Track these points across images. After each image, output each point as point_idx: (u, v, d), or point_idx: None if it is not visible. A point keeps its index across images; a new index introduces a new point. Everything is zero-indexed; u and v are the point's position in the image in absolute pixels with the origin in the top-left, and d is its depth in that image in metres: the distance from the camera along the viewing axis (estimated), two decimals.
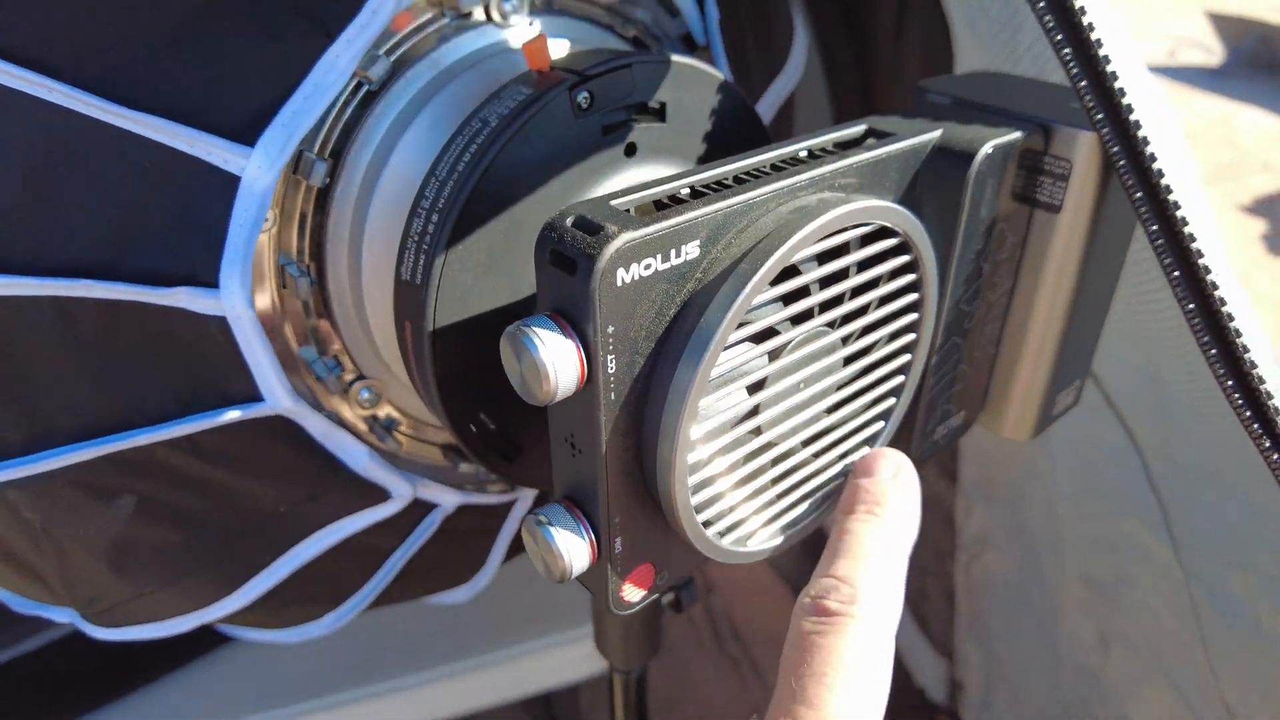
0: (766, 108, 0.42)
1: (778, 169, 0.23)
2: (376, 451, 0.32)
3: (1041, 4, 0.25)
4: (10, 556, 0.35)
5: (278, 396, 0.29)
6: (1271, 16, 4.36)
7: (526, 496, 0.42)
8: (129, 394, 0.29)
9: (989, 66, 0.51)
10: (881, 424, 0.28)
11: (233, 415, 0.29)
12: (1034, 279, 0.30)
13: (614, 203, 0.21)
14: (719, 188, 0.22)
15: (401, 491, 0.33)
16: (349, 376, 0.31)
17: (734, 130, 0.30)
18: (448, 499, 0.35)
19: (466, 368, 0.27)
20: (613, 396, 0.21)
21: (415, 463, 0.35)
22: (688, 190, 0.22)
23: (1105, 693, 0.82)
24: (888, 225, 0.23)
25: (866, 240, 0.24)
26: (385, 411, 0.33)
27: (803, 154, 0.25)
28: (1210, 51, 4.67)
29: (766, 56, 0.42)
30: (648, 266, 0.20)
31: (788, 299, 0.22)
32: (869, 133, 0.26)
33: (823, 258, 0.23)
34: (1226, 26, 4.45)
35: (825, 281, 0.23)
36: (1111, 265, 0.31)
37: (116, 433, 0.30)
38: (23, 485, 0.30)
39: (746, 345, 0.22)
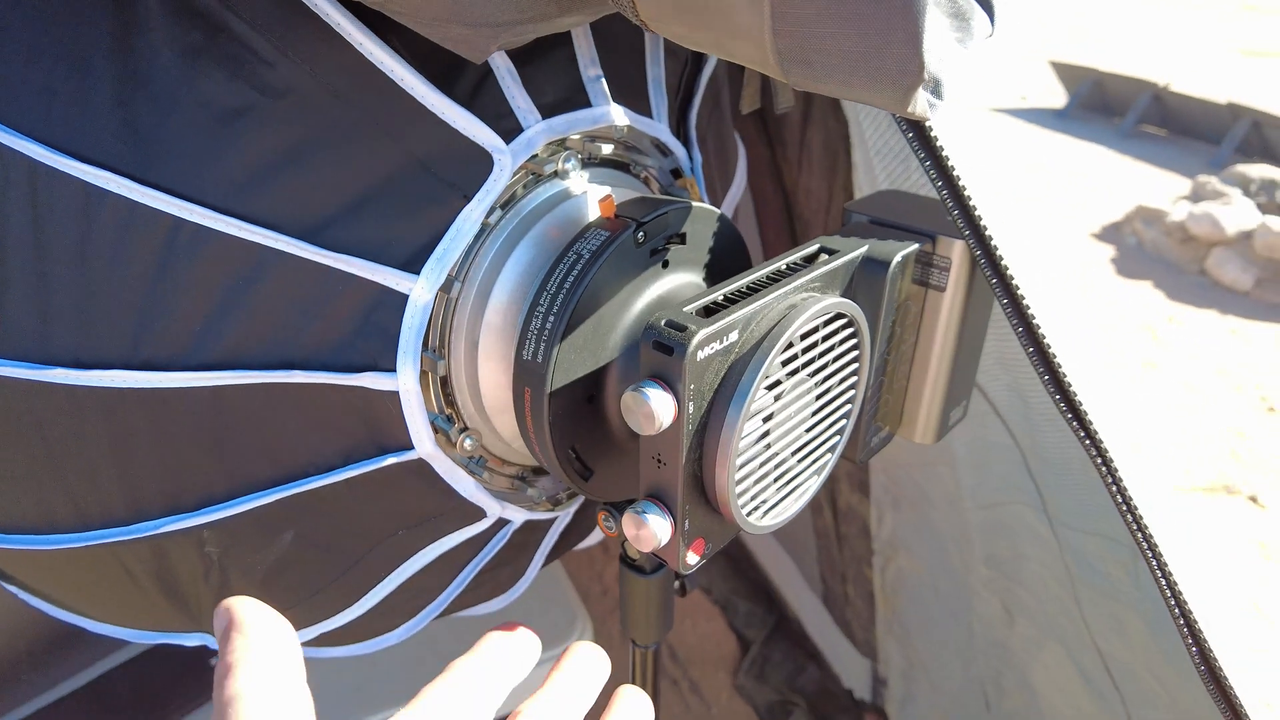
0: (728, 208, 0.57)
1: (773, 279, 0.38)
2: (476, 481, 0.44)
3: (921, 154, 0.40)
4: (173, 590, 0.44)
5: (425, 445, 0.40)
6: (1102, 64, 4.96)
7: (564, 516, 0.53)
8: (307, 450, 0.40)
9: (875, 159, 0.68)
10: (839, 437, 0.42)
11: (390, 461, 0.40)
12: (930, 334, 0.45)
13: (685, 309, 0.34)
14: (742, 295, 0.36)
15: (493, 510, 0.45)
16: (459, 427, 0.43)
17: (726, 246, 0.44)
18: (518, 516, 0.47)
19: (566, 416, 0.39)
20: (689, 428, 0.34)
21: (493, 490, 0.47)
22: (723, 297, 0.36)
23: (1012, 661, 0.98)
24: (842, 312, 0.38)
25: (829, 322, 0.38)
26: (479, 452, 0.45)
27: (784, 267, 0.39)
28: (1055, 95, 5.26)
29: (723, 172, 0.57)
30: (710, 348, 0.33)
31: (785, 362, 0.36)
32: (822, 249, 0.41)
33: (804, 334, 0.37)
34: (1066, 73, 5.05)
35: (806, 349, 0.37)
36: (981, 322, 0.47)
37: (295, 480, 0.40)
38: (217, 525, 0.41)
39: (764, 391, 0.36)
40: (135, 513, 0.39)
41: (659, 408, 0.32)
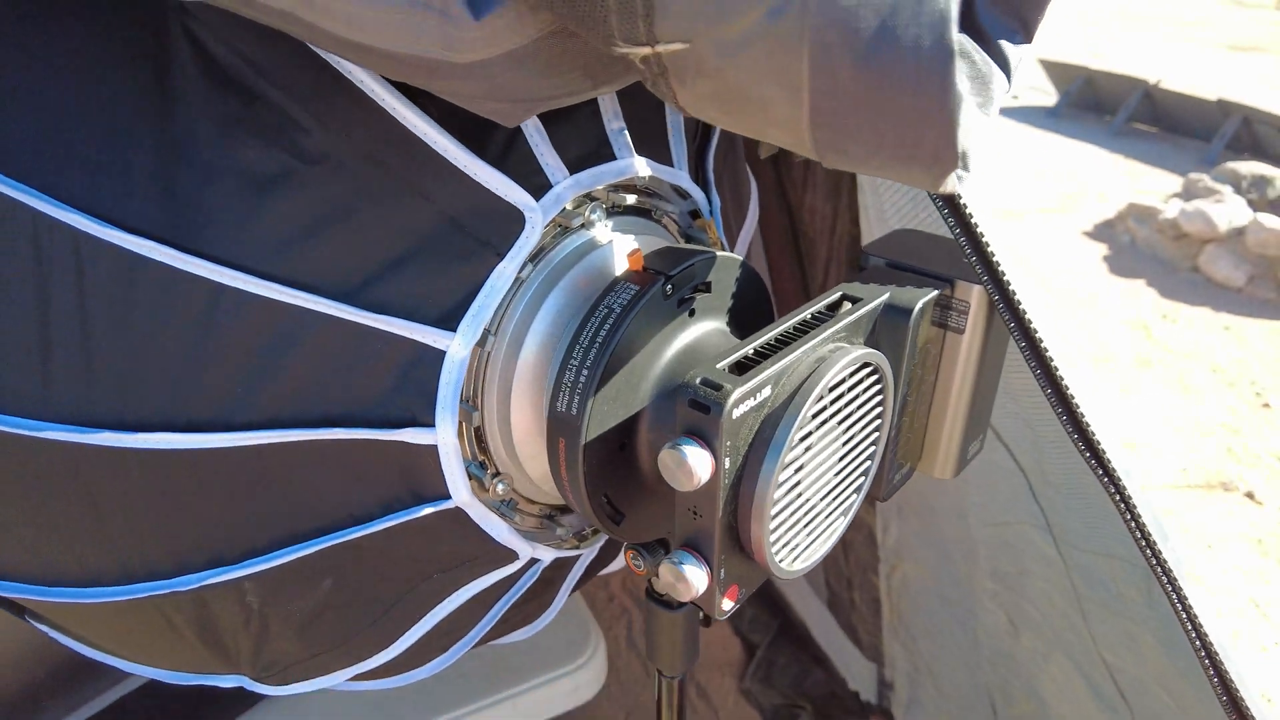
0: (742, 246, 0.58)
1: (800, 331, 0.38)
2: (509, 525, 0.45)
3: (943, 208, 0.41)
4: (213, 636, 0.45)
5: (461, 494, 0.41)
6: (1093, 62, 4.96)
7: (588, 553, 0.54)
8: (346, 502, 0.41)
9: (884, 189, 0.69)
10: (864, 478, 0.43)
11: (427, 511, 0.41)
12: (949, 374, 0.46)
13: (718, 365, 0.35)
14: (772, 348, 0.37)
15: (525, 552, 0.46)
16: (491, 472, 0.44)
17: (749, 291, 0.45)
18: (547, 554, 0.48)
19: (599, 464, 0.40)
20: (725, 482, 0.35)
21: (523, 530, 0.47)
22: (753, 351, 0.37)
23: (1019, 670, 1.00)
24: (868, 362, 0.39)
25: (855, 372, 0.39)
26: (510, 495, 0.45)
27: (809, 318, 0.40)
28: (1046, 94, 5.28)
29: (738, 209, 0.57)
30: (745, 405, 0.34)
31: (816, 414, 0.37)
32: (844, 297, 0.42)
33: (833, 386, 0.38)
34: (1056, 71, 5.06)
35: (835, 399, 0.38)
36: (997, 360, 0.48)
37: (335, 531, 0.41)
38: (258, 576, 0.41)
39: (797, 443, 0.37)
40: (178, 566, 0.40)
41: (697, 465, 0.33)
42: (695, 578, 0.36)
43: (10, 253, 0.35)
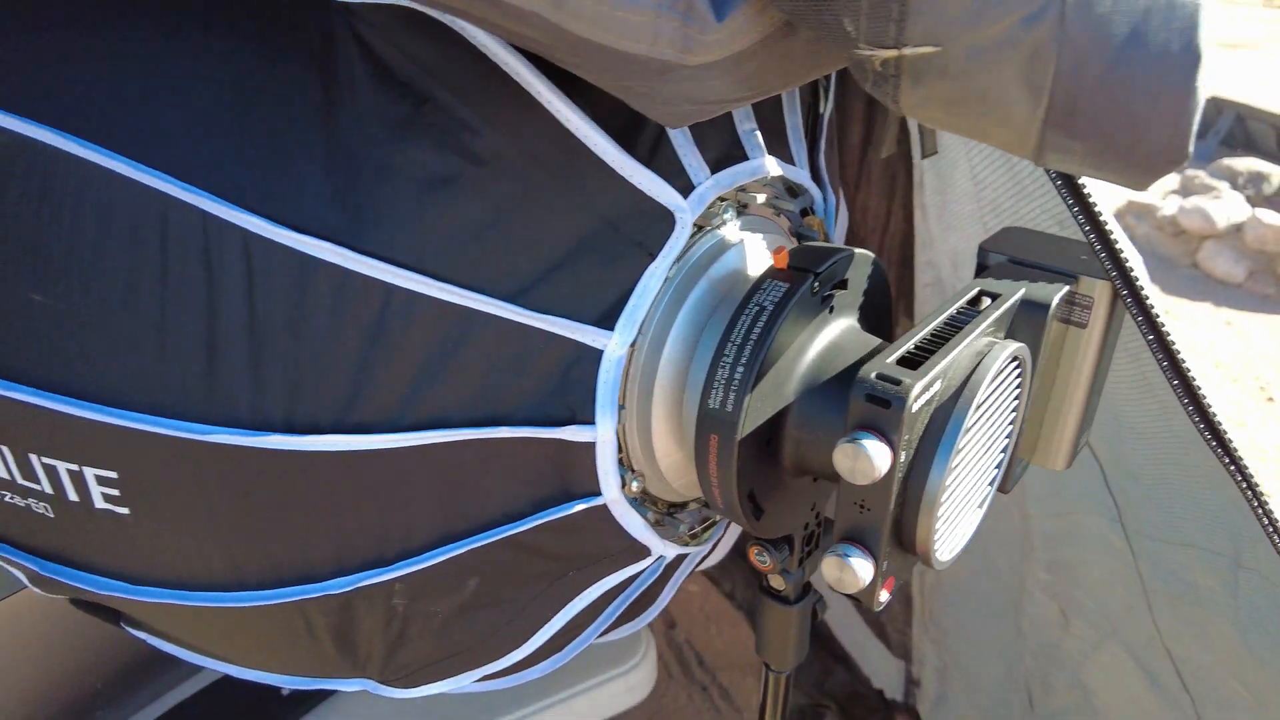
0: (839, 235, 0.59)
1: (952, 327, 0.39)
2: (644, 521, 0.45)
3: (1070, 201, 0.43)
4: (349, 640, 0.45)
5: (611, 491, 0.42)
6: (1243, 98, 4.63)
7: (699, 550, 0.55)
8: (501, 500, 0.41)
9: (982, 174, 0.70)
10: (998, 471, 0.44)
11: (579, 508, 0.42)
12: (1070, 369, 0.47)
13: (888, 361, 0.36)
14: (931, 344, 0.38)
15: (658, 549, 0.47)
16: (629, 470, 0.44)
17: (877, 287, 0.46)
18: (671, 551, 0.49)
19: (747, 460, 0.41)
20: (899, 476, 0.36)
21: (651, 527, 0.48)
22: (914, 347, 0.38)
23: (1063, 662, 1.01)
24: (1018, 355, 0.40)
25: (1011, 363, 0.40)
26: (642, 493, 0.46)
27: (955, 313, 0.41)
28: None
29: (837, 206, 0.59)
30: (922, 398, 0.35)
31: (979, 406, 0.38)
32: (982, 293, 0.43)
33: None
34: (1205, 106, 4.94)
35: (991, 393, 0.39)
36: (1110, 354, 0.49)
37: (490, 530, 0.42)
38: (411, 578, 0.42)
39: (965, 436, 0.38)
40: (335, 569, 0.41)
41: (876, 458, 0.34)
42: (862, 570, 0.37)
43: (179, 255, 0.35)
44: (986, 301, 0.42)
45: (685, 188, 0.41)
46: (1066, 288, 0.44)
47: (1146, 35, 0.23)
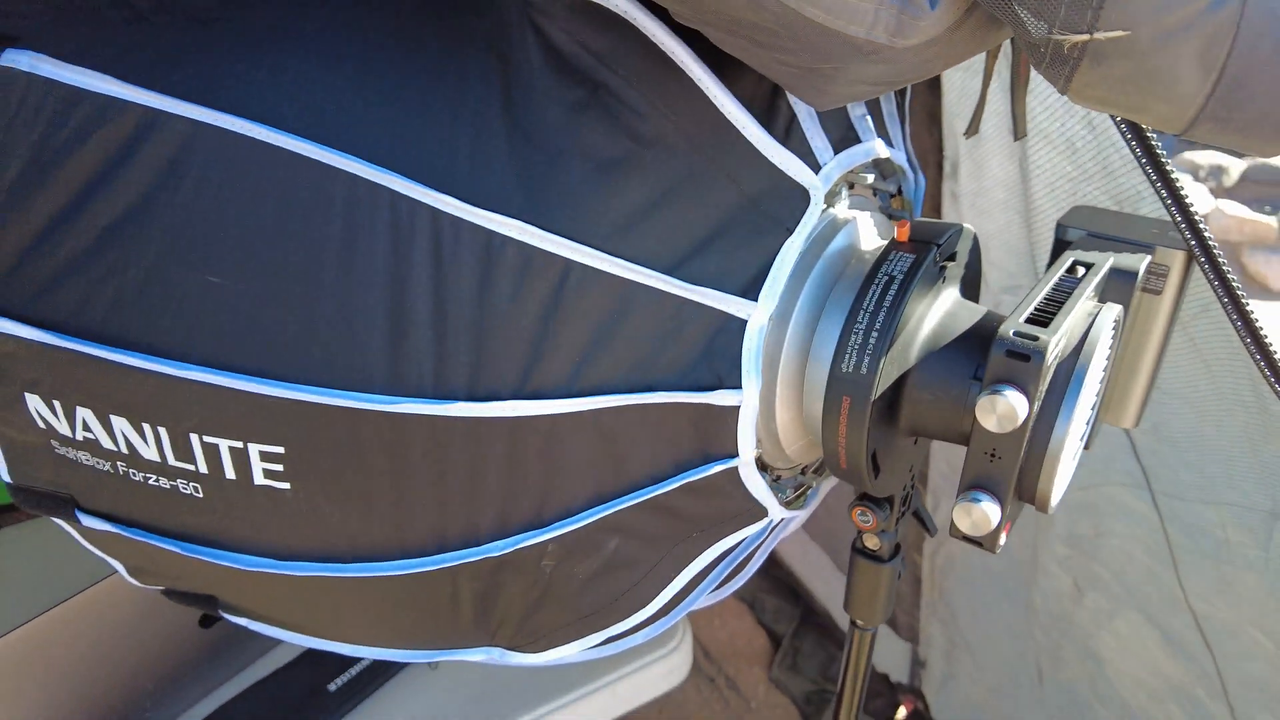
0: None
1: (1061, 291, 0.44)
2: (766, 483, 0.49)
3: (1157, 181, 0.47)
4: (489, 605, 0.47)
5: (747, 453, 0.45)
6: None
7: (800, 514, 0.58)
8: (649, 462, 0.44)
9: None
10: (1088, 427, 0.48)
11: (717, 469, 0.45)
12: (1144, 333, 0.52)
13: (1020, 320, 0.40)
14: (1050, 308, 0.42)
15: (773, 510, 0.50)
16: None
17: (975, 260, 0.50)
18: (778, 513, 0.52)
19: (875, 421, 0.44)
20: (1031, 425, 0.40)
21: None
22: (1034, 310, 0.42)
23: (1075, 634, 1.07)
24: (1118, 317, 0.44)
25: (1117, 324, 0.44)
26: (758, 459, 0.49)
27: (1059, 281, 0.45)
28: None
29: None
30: (1054, 353, 0.39)
31: None
32: (1076, 263, 0.47)
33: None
34: None
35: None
36: (1176, 320, 0.54)
37: (638, 490, 0.44)
38: (564, 538, 0.44)
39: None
40: (496, 531, 0.43)
41: (1018, 407, 0.38)
42: (991, 513, 0.41)
43: (367, 232, 0.37)
44: (1081, 271, 0.46)
45: (814, 167, 0.45)
46: (1149, 258, 0.49)
47: None
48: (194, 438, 0.43)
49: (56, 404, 0.46)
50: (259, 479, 0.43)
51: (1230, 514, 0.69)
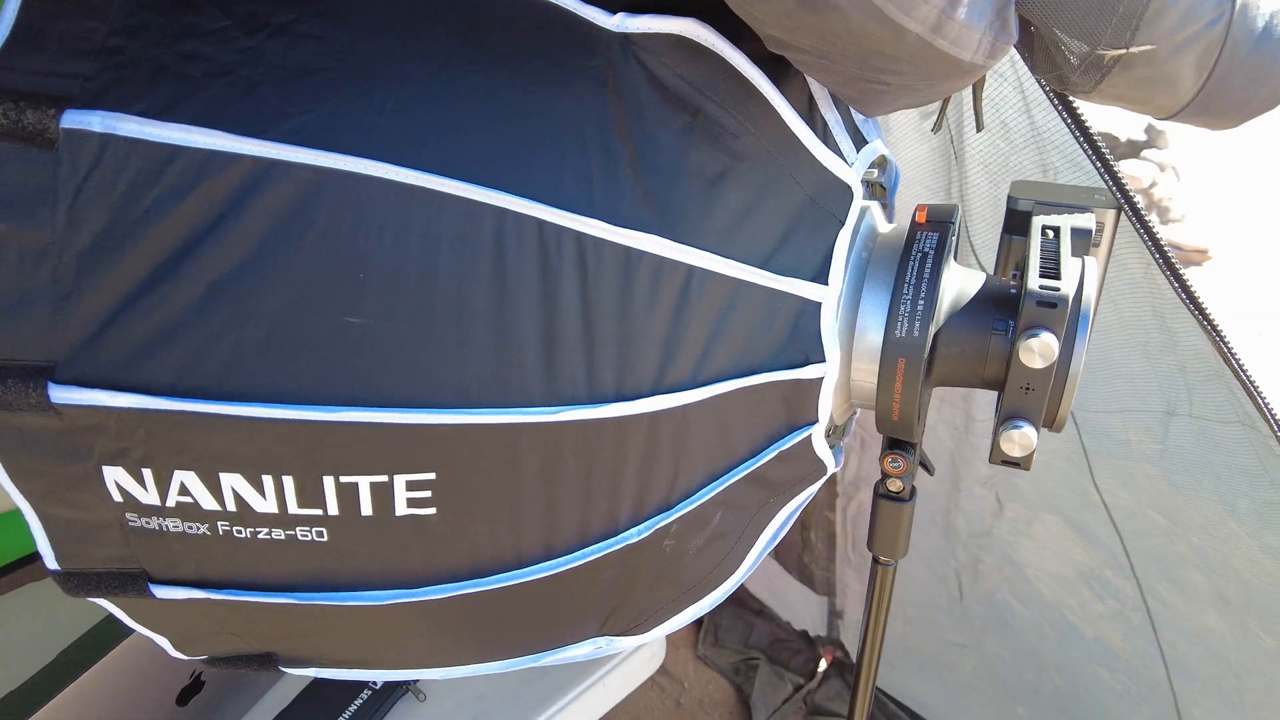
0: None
1: (1048, 251, 0.55)
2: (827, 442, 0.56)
3: (1091, 153, 0.60)
4: (616, 594, 0.52)
5: (825, 418, 0.52)
6: None
7: (835, 469, 0.66)
8: (749, 437, 0.50)
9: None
10: None
11: (801, 436, 0.52)
12: None
13: (1038, 276, 0.50)
14: (1050, 265, 0.53)
15: (831, 467, 0.58)
16: None
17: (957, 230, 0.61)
18: (833, 468, 0.60)
19: (925, 379, 0.53)
20: (1057, 360, 0.50)
21: None
22: (1042, 267, 0.52)
23: (993, 545, 1.24)
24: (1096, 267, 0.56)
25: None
26: None
27: (1045, 243, 0.56)
28: None
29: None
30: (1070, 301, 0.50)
31: None
32: (1045, 227, 0.59)
33: None
34: None
35: None
36: (1107, 270, 0.68)
37: (741, 464, 0.50)
38: (685, 517, 0.50)
39: None
40: (634, 517, 0.48)
41: (1053, 345, 0.48)
42: (1032, 436, 0.51)
43: (516, 260, 0.42)
44: (1050, 234, 0.58)
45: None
46: (1093, 217, 0.61)
47: (1274, 28, 0.39)
48: (327, 480, 0.44)
49: (146, 472, 0.46)
50: (401, 510, 0.45)
51: (1131, 419, 0.85)
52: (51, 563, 0.52)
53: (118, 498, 0.47)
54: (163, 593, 0.51)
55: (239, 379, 0.43)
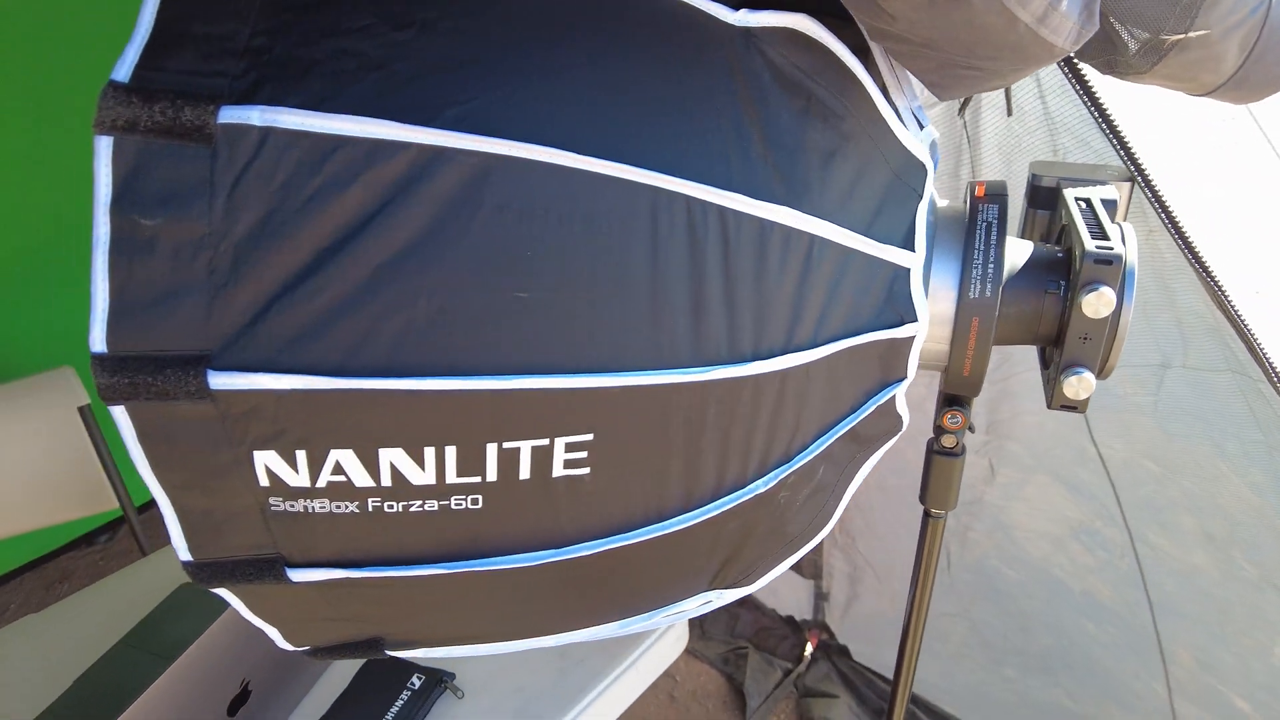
0: None
1: (1090, 217, 0.63)
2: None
3: (1109, 133, 0.68)
4: (736, 544, 0.57)
5: (911, 373, 0.59)
6: None
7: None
8: (851, 394, 0.56)
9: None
10: None
11: (893, 391, 0.58)
12: None
13: (1090, 238, 0.58)
14: (1095, 228, 0.60)
15: (906, 421, 0.64)
16: None
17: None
18: (906, 423, 0.66)
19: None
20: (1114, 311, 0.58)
21: None
22: (1090, 231, 0.60)
23: (985, 510, 1.34)
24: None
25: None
26: None
27: (1084, 209, 0.64)
28: None
29: None
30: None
31: None
32: (1077, 199, 0.67)
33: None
34: None
35: None
36: None
37: (847, 417, 0.56)
38: (801, 469, 0.55)
39: None
40: (760, 469, 0.54)
41: (1111, 297, 0.56)
42: (1091, 380, 0.59)
43: (668, 235, 0.47)
44: (1083, 205, 0.66)
45: None
46: (1115, 188, 0.70)
47: None
48: (490, 448, 0.49)
49: (300, 454, 0.49)
50: (558, 471, 0.50)
51: (1128, 373, 0.95)
52: (184, 554, 0.54)
53: (264, 482, 0.50)
54: (299, 575, 0.54)
55: (409, 355, 0.46)
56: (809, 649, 2.03)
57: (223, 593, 0.57)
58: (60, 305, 2.14)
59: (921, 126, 0.63)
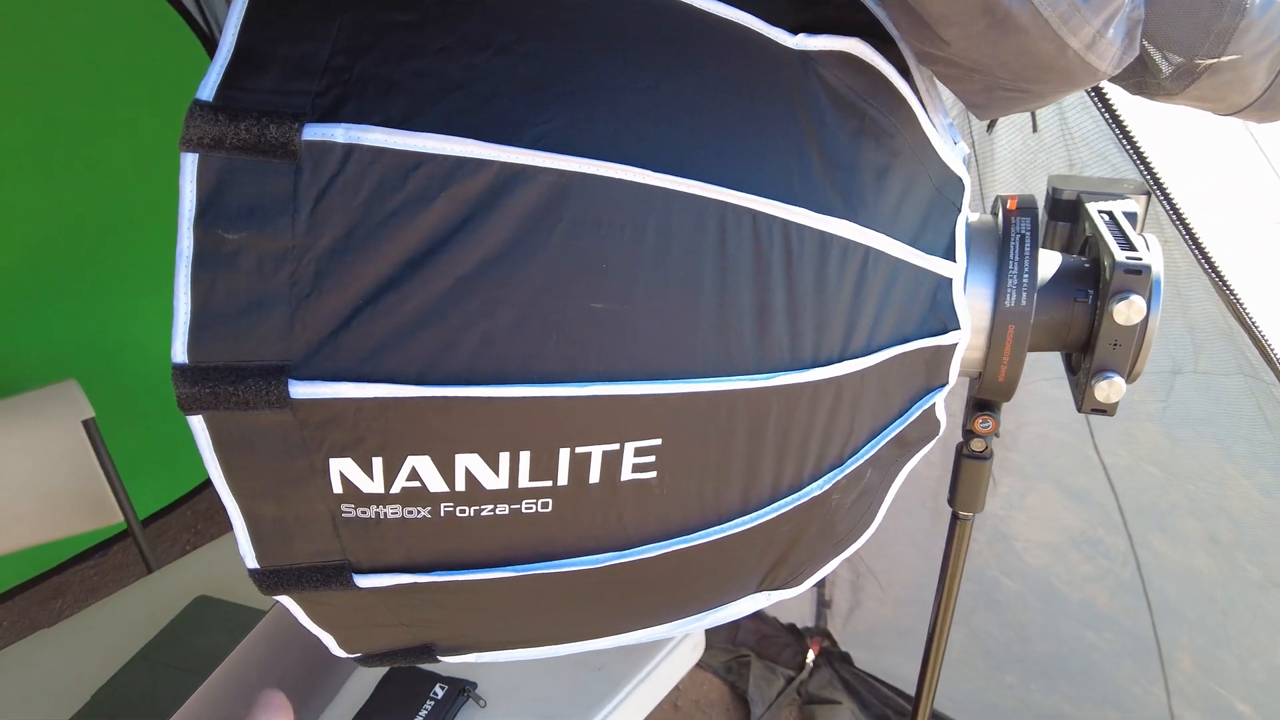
0: None
1: (1115, 229, 0.66)
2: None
3: (1128, 147, 0.72)
4: (777, 550, 0.59)
5: (954, 378, 0.61)
6: None
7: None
8: (900, 399, 0.59)
9: None
10: None
11: (936, 396, 0.61)
12: None
13: (1119, 249, 0.61)
14: (1122, 239, 0.64)
15: (943, 424, 0.67)
16: None
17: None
18: (943, 427, 0.69)
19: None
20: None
21: None
22: (1117, 243, 0.63)
23: (986, 521, 1.37)
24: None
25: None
26: None
27: (1108, 221, 0.67)
28: None
29: None
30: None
31: None
32: (1099, 210, 0.70)
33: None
34: None
35: None
36: None
37: (895, 421, 0.59)
38: (852, 473, 0.58)
39: None
40: (815, 472, 0.56)
41: (1141, 305, 0.60)
42: (1121, 384, 0.62)
43: (735, 247, 0.50)
44: (1106, 217, 0.70)
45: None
46: (1133, 201, 0.73)
47: None
48: (563, 452, 0.51)
49: (376, 461, 0.51)
50: (626, 475, 0.52)
51: (1139, 379, 0.99)
52: (251, 562, 0.55)
53: (338, 489, 0.51)
54: (366, 581, 0.56)
55: (488, 363, 0.48)
56: (811, 656, 2.05)
57: (285, 599, 0.59)
58: (65, 319, 2.13)
59: (955, 143, 0.66)
